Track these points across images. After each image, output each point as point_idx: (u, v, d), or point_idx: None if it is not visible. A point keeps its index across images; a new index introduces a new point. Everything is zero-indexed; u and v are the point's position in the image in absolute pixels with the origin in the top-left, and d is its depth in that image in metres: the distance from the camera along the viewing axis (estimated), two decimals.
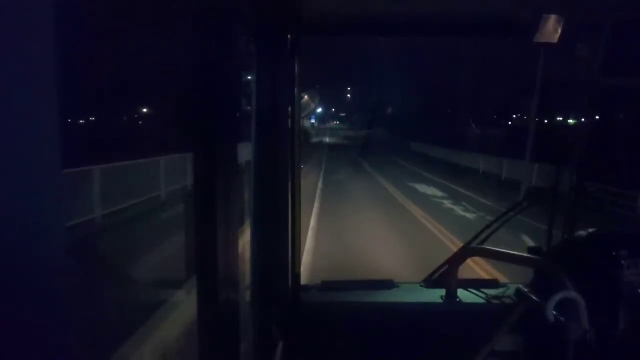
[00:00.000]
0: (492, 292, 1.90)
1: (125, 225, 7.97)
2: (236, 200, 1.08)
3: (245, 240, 1.52)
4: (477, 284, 1.98)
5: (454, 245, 7.40)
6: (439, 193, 14.79)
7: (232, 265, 1.06)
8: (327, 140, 46.73)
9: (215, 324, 1.02)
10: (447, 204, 12.75)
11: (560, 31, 1.56)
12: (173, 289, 3.84)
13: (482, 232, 2.02)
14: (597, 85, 1.62)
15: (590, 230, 1.69)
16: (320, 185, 15.47)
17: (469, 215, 11.01)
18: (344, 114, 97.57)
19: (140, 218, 8.55)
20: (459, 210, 11.77)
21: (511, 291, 1.85)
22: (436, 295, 1.90)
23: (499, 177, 18.41)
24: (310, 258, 6.76)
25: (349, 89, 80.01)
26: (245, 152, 1.62)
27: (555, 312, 1.35)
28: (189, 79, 0.95)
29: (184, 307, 3.43)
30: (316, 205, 11.58)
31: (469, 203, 12.74)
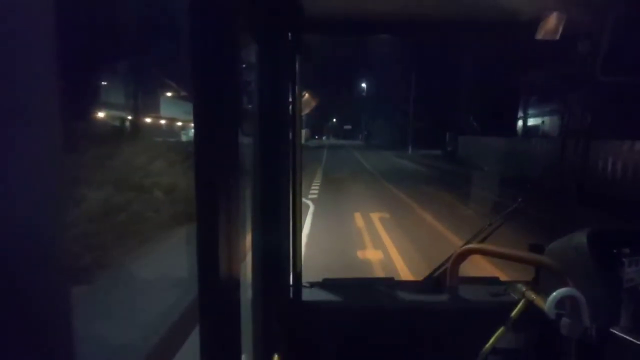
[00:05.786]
0: (493, 289, 1.90)
1: None
2: (237, 197, 1.08)
3: (246, 237, 1.52)
4: (478, 282, 1.98)
5: None
6: None
7: (234, 263, 1.06)
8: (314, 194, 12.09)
9: (216, 321, 1.03)
10: None
11: (561, 29, 1.56)
12: None
13: (483, 230, 2.02)
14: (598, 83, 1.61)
15: (591, 227, 1.69)
16: None
17: None
18: (349, 126, 72.68)
19: None
20: None
21: (512, 289, 1.85)
22: (437, 293, 1.90)
23: None
24: None
25: (362, 85, 56.67)
26: (246, 150, 1.62)
27: (556, 309, 1.36)
28: (189, 78, 0.95)
29: None
30: None
31: None
